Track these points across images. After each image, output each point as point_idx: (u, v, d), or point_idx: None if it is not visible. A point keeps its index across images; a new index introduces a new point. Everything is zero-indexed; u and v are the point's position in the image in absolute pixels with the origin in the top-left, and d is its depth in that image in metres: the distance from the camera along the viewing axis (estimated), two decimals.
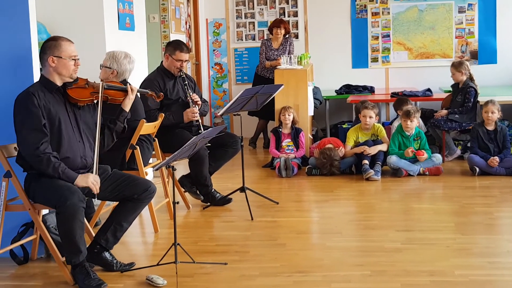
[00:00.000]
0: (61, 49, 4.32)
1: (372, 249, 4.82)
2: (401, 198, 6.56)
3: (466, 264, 4.41)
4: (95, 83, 4.53)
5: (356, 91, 9.72)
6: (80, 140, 4.41)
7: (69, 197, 4.05)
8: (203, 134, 4.51)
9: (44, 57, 4.34)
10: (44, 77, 4.37)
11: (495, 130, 7.40)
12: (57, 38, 4.41)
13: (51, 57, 4.30)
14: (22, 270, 4.65)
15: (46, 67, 4.35)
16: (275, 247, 4.98)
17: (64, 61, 4.31)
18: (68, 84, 4.39)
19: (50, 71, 4.34)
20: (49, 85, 4.34)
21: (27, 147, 4.17)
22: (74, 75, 4.39)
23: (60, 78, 4.36)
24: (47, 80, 4.35)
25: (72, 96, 4.38)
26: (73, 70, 4.36)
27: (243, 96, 6.02)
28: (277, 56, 9.26)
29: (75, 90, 4.41)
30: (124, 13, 6.93)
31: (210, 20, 10.78)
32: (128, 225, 4.58)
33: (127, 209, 4.52)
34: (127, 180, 4.53)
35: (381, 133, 7.66)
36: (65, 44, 4.35)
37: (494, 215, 5.70)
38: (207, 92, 10.76)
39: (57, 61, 4.31)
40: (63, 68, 4.32)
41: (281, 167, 7.51)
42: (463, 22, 10.25)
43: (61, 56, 4.30)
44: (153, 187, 4.57)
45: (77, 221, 4.08)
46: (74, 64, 4.36)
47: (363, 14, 10.43)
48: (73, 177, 4.24)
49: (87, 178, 4.27)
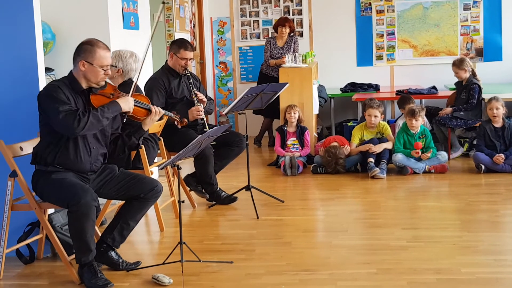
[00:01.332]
0: (94, 56, 4.26)
1: (378, 247, 4.81)
2: (406, 196, 6.55)
3: (472, 262, 4.40)
4: (122, 95, 4.43)
5: (361, 89, 9.71)
6: (94, 146, 4.40)
7: (82, 196, 4.05)
8: (208, 133, 4.51)
9: (77, 58, 4.29)
10: (73, 75, 4.32)
11: (502, 127, 7.37)
12: (94, 43, 4.32)
13: (83, 61, 4.25)
14: (28, 270, 4.66)
15: (76, 67, 4.30)
16: (280, 245, 4.98)
17: (94, 69, 4.26)
18: (94, 89, 4.34)
19: (79, 73, 4.29)
20: (75, 86, 4.30)
21: (71, 126, 4.10)
22: (102, 82, 4.35)
23: (87, 82, 4.32)
24: (74, 80, 4.30)
25: (93, 103, 4.30)
26: (101, 78, 4.32)
27: (248, 94, 6.01)
28: (282, 54, 9.26)
29: (98, 98, 4.33)
30: (128, 12, 6.93)
31: (214, 19, 10.78)
32: (135, 224, 4.58)
33: (134, 208, 4.52)
34: (134, 179, 4.53)
35: (386, 131, 7.65)
36: (99, 52, 4.28)
37: (500, 212, 5.69)
38: (212, 90, 10.76)
39: (87, 66, 4.25)
40: (91, 75, 4.28)
41: (286, 165, 7.51)
42: (468, 20, 10.23)
43: (92, 63, 4.25)
44: (160, 186, 4.57)
45: (89, 220, 4.09)
46: (104, 73, 4.31)
47: (367, 12, 10.42)
48: (118, 108, 4.31)
49: (129, 102, 4.36)
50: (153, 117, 4.57)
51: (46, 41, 6.12)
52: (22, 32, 4.92)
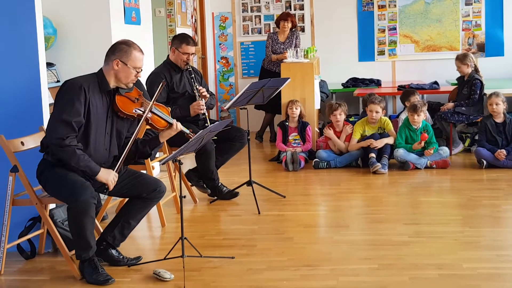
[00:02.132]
0: (130, 57, 4.27)
1: (379, 243, 4.81)
2: (408, 191, 6.55)
3: (474, 257, 4.40)
4: (146, 102, 4.44)
5: (363, 84, 9.70)
6: (107, 148, 4.38)
7: (82, 193, 4.05)
8: (210, 127, 4.50)
9: (111, 57, 4.29)
10: (102, 73, 4.31)
11: (503, 122, 7.36)
12: (130, 44, 4.34)
13: (118, 60, 4.25)
14: (29, 265, 4.66)
15: (108, 66, 4.30)
16: (282, 240, 4.97)
17: (127, 69, 4.27)
18: (121, 90, 4.34)
19: (110, 72, 4.29)
20: (103, 84, 4.29)
21: (54, 136, 4.09)
22: (131, 84, 4.36)
23: (116, 82, 4.32)
24: (103, 78, 4.30)
25: (117, 105, 4.31)
26: (131, 80, 4.33)
27: (250, 89, 6.00)
28: (284, 49, 9.24)
29: (122, 100, 4.34)
30: (130, 7, 6.92)
31: (216, 14, 10.76)
32: (136, 223, 4.57)
33: (136, 207, 4.51)
34: (137, 178, 4.52)
35: (388, 126, 7.63)
36: (135, 54, 4.30)
37: (502, 207, 5.68)
38: (214, 86, 10.75)
39: (121, 66, 4.26)
40: (123, 75, 4.28)
41: (288, 160, 7.50)
42: (470, 15, 10.21)
43: (126, 64, 4.26)
44: (163, 187, 4.56)
45: (88, 217, 4.08)
46: (135, 75, 4.32)
47: (369, 7, 10.40)
48: (96, 171, 4.21)
49: (109, 175, 4.26)
50: (171, 132, 4.55)
51: (48, 36, 6.10)
52: (23, 27, 4.90)
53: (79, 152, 4.13)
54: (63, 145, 4.08)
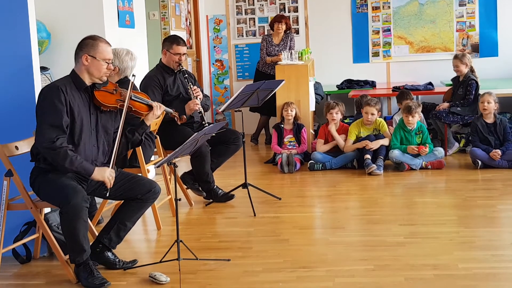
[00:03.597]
0: (97, 50, 4.28)
1: (375, 244, 4.81)
2: (403, 192, 6.56)
3: (469, 257, 4.40)
4: (124, 91, 4.47)
5: (358, 85, 9.72)
6: (95, 144, 4.38)
7: (73, 197, 4.04)
8: (204, 130, 4.50)
9: (79, 54, 4.30)
10: (75, 73, 4.32)
11: (494, 123, 7.38)
12: (96, 37, 4.37)
13: (86, 55, 4.27)
14: (25, 269, 4.65)
15: (79, 63, 4.31)
16: (278, 242, 4.97)
17: (97, 62, 4.28)
18: (98, 85, 4.36)
19: (81, 69, 4.30)
20: (78, 83, 4.30)
21: (44, 140, 4.10)
22: (105, 78, 4.36)
23: (90, 78, 4.32)
24: (77, 77, 4.31)
25: (98, 99, 4.33)
26: (104, 73, 4.33)
27: (244, 92, 6.00)
28: (278, 51, 9.25)
29: (102, 93, 4.37)
30: (124, 11, 6.92)
31: (210, 17, 10.77)
32: (131, 225, 4.56)
33: (131, 209, 4.50)
34: (132, 180, 4.51)
35: (383, 127, 7.64)
36: (102, 46, 4.31)
37: (497, 208, 5.69)
38: (208, 88, 10.75)
39: (90, 60, 4.27)
40: (95, 68, 4.29)
41: (283, 162, 7.50)
42: (463, 15, 10.23)
43: (95, 57, 4.27)
44: (158, 188, 4.55)
45: (81, 220, 4.07)
46: (106, 67, 4.32)
47: (363, 8, 10.41)
48: (91, 170, 4.23)
49: (104, 172, 4.27)
50: (155, 112, 4.60)
51: (41, 40, 6.10)
52: (17, 31, 4.90)
53: (71, 154, 4.14)
54: (55, 148, 4.09)
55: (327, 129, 7.82)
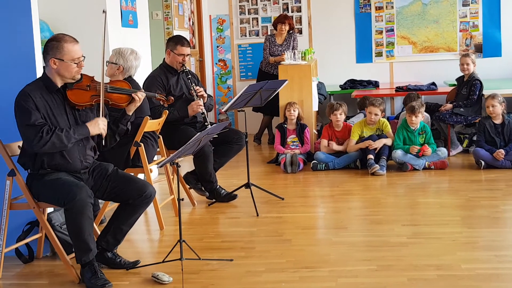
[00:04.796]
0: (63, 52, 4.14)
1: (378, 244, 4.80)
2: (406, 192, 6.55)
3: (472, 258, 4.40)
4: (99, 84, 4.30)
5: (361, 85, 9.70)
6: (80, 143, 4.30)
7: (77, 193, 4.00)
8: (207, 130, 4.49)
9: (47, 57, 4.19)
10: (46, 75, 4.24)
11: (502, 123, 7.35)
12: (60, 38, 4.20)
13: (53, 59, 4.15)
14: (27, 269, 4.65)
15: (48, 66, 4.21)
16: (281, 243, 4.97)
17: (65, 64, 4.15)
18: (69, 84, 4.24)
19: (52, 72, 4.20)
20: (50, 86, 4.21)
21: (33, 140, 4.06)
22: (77, 76, 4.24)
23: (62, 79, 4.22)
24: (48, 80, 4.22)
25: (71, 100, 4.22)
26: (76, 72, 4.21)
27: (247, 92, 6.00)
28: (281, 51, 9.25)
29: (74, 93, 4.23)
30: (127, 10, 6.92)
31: (213, 17, 10.77)
32: (128, 228, 4.51)
33: (125, 213, 4.46)
34: (124, 183, 4.41)
35: (386, 128, 7.63)
36: (67, 46, 4.15)
37: (500, 208, 5.68)
38: (211, 88, 10.75)
39: (58, 63, 4.15)
40: (65, 70, 4.17)
41: (287, 162, 7.50)
42: (467, 16, 10.21)
43: (62, 59, 4.14)
44: (150, 191, 4.43)
45: (85, 217, 4.03)
46: (77, 66, 4.20)
47: (366, 8, 10.40)
48: (86, 131, 4.21)
49: (97, 125, 4.24)
50: (137, 103, 4.49)
51: (45, 39, 6.08)
52: (20, 30, 4.90)
53: (61, 132, 4.10)
54: (46, 139, 4.05)
55: (331, 130, 7.81)
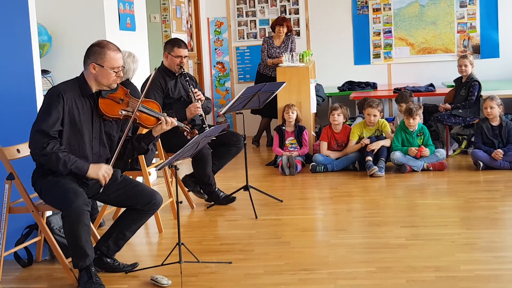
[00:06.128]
0: (105, 59, 4.15)
1: (377, 246, 4.80)
2: (405, 194, 6.55)
3: (471, 259, 4.39)
4: (132, 100, 4.30)
5: (359, 87, 9.72)
6: (96, 152, 4.29)
7: (74, 201, 3.98)
8: (205, 133, 4.49)
9: (87, 61, 4.19)
10: (83, 78, 4.23)
11: (500, 125, 7.36)
12: (104, 44, 4.21)
13: (93, 64, 4.15)
14: (26, 273, 4.64)
15: (87, 70, 4.20)
16: (279, 245, 4.97)
17: (105, 71, 4.15)
18: (104, 92, 4.23)
19: (89, 76, 4.20)
20: (84, 89, 4.20)
21: (36, 146, 4.05)
22: (114, 85, 4.24)
23: (98, 85, 4.21)
24: (84, 83, 4.21)
25: (100, 108, 4.21)
26: (113, 81, 4.21)
27: (245, 94, 6.00)
28: (279, 54, 9.26)
29: (106, 102, 4.22)
30: (124, 13, 6.92)
31: (211, 19, 10.77)
32: (131, 234, 4.51)
33: (131, 219, 4.45)
34: (134, 188, 4.42)
35: (385, 128, 7.64)
36: (110, 54, 4.16)
37: (499, 209, 5.68)
38: (210, 91, 10.75)
39: (98, 69, 4.15)
40: (103, 77, 4.17)
41: (284, 165, 7.50)
42: (464, 17, 10.23)
43: (103, 65, 4.14)
44: (159, 199, 4.46)
45: (82, 224, 4.01)
46: (115, 75, 4.20)
47: (364, 10, 10.42)
48: (85, 169, 4.14)
49: (99, 169, 4.18)
50: (164, 127, 4.42)
51: (43, 43, 6.10)
52: (18, 34, 4.90)
53: (63, 156, 4.07)
54: (46, 153, 4.03)
55: (330, 131, 7.81)
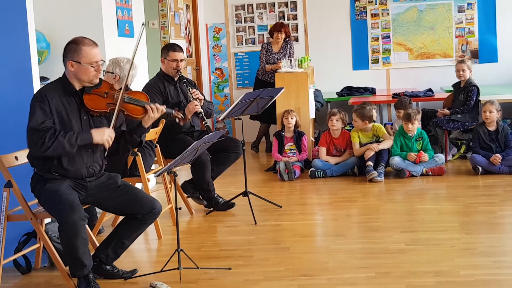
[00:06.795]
0: (81, 55, 4.12)
1: (376, 251, 4.80)
2: (404, 199, 6.55)
3: (471, 264, 4.39)
4: (117, 92, 4.28)
5: (357, 93, 9.72)
6: (89, 149, 4.28)
7: (70, 215, 3.95)
8: (204, 139, 4.49)
9: (65, 60, 4.19)
10: (66, 77, 4.22)
11: (496, 130, 7.36)
12: (79, 41, 4.17)
13: (70, 62, 4.14)
14: (25, 280, 4.64)
15: (66, 69, 4.21)
16: (279, 251, 4.96)
17: (83, 68, 4.13)
18: (87, 88, 4.22)
19: (70, 75, 4.19)
20: (68, 88, 4.20)
21: (36, 146, 4.03)
22: (96, 80, 4.22)
23: (79, 82, 4.20)
24: (67, 82, 4.20)
25: (86, 104, 4.20)
26: (93, 76, 4.18)
27: (244, 100, 6.01)
28: (278, 59, 9.26)
29: (91, 98, 4.21)
30: (123, 20, 6.93)
31: (209, 25, 10.78)
32: (130, 243, 4.51)
33: (130, 227, 4.44)
34: (133, 196, 4.40)
35: (381, 131, 7.64)
36: (86, 49, 4.13)
37: (498, 214, 5.68)
38: (209, 97, 10.75)
39: (76, 66, 4.14)
40: (82, 74, 4.15)
41: (281, 170, 7.50)
42: (463, 22, 10.24)
43: (80, 62, 4.13)
44: (159, 208, 4.45)
45: (79, 238, 3.99)
46: (95, 70, 4.17)
47: (362, 15, 10.43)
48: (89, 138, 4.13)
49: (103, 134, 4.17)
50: (151, 115, 4.37)
51: (41, 50, 6.11)
52: (17, 41, 4.90)
53: (63, 137, 4.05)
54: (48, 146, 4.01)
55: (329, 137, 7.81)
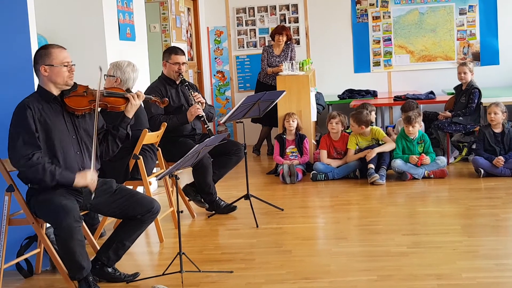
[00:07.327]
0: (51, 57, 4.17)
1: (378, 254, 4.79)
2: (406, 201, 6.54)
3: (473, 267, 4.38)
4: (94, 90, 4.36)
5: (359, 95, 9.72)
6: (78, 151, 4.30)
7: (63, 219, 3.96)
8: (206, 142, 4.49)
9: (37, 67, 4.21)
10: (41, 87, 4.25)
11: (502, 132, 7.35)
12: (47, 46, 4.28)
13: (43, 66, 4.17)
14: (27, 284, 4.64)
15: (40, 77, 4.23)
16: (281, 254, 4.96)
17: (56, 69, 4.17)
18: (66, 92, 4.26)
19: (45, 81, 4.22)
20: (46, 96, 4.22)
21: (20, 158, 4.06)
22: (70, 81, 4.25)
23: (56, 86, 4.23)
24: (43, 90, 4.23)
25: (69, 105, 4.25)
26: (67, 77, 4.22)
27: (245, 103, 6.01)
28: (279, 62, 9.26)
29: (72, 99, 4.27)
30: (124, 24, 6.93)
31: (211, 28, 10.79)
32: (130, 244, 4.51)
33: (130, 228, 4.45)
34: (131, 199, 4.41)
35: (380, 134, 7.64)
36: (55, 51, 4.20)
37: (501, 216, 5.67)
38: (210, 100, 10.76)
39: (49, 69, 4.17)
40: (56, 76, 4.18)
41: (285, 173, 7.50)
42: (464, 24, 10.24)
43: (52, 64, 4.16)
44: (157, 207, 4.46)
45: (74, 240, 4.00)
46: (68, 70, 4.21)
47: (364, 18, 10.43)
48: (71, 179, 4.15)
49: (86, 177, 4.17)
50: (133, 102, 4.48)
51: None
52: (18, 45, 4.91)
53: (49, 167, 4.08)
54: (32, 164, 4.04)
55: (329, 140, 7.81)
